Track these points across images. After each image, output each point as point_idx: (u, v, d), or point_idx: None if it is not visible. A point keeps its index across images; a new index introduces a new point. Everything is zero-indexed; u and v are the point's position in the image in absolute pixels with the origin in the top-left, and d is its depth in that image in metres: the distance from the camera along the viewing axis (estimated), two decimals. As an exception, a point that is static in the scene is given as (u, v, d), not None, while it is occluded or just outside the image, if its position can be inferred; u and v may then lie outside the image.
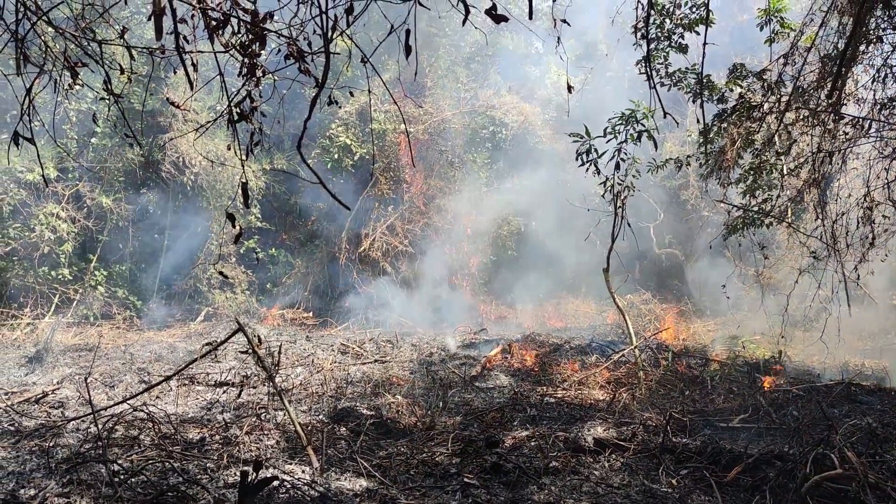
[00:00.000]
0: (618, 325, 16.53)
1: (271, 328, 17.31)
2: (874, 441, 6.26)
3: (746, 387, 9.89)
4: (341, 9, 3.94)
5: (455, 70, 22.30)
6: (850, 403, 8.95)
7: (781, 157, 10.05)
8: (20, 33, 4.19)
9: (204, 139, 17.62)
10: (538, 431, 7.76)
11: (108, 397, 9.76)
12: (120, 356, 13.00)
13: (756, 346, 12.98)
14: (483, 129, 21.82)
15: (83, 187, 17.04)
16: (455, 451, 7.09)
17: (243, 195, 4.03)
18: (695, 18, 9.60)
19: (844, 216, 9.59)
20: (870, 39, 8.42)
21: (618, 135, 9.11)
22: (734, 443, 7.11)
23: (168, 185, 17.96)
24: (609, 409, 8.74)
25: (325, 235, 20.46)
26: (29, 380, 10.92)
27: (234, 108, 3.92)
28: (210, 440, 7.42)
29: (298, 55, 3.92)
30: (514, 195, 22.55)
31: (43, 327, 15.35)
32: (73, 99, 16.17)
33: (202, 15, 3.84)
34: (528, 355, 12.40)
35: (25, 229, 16.09)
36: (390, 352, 13.67)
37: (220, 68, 4.00)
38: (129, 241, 17.97)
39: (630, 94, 20.91)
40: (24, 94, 4.39)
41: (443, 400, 9.44)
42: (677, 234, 21.38)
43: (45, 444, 7.03)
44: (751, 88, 10.02)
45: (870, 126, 8.79)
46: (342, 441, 7.46)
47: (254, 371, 11.10)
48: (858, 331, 14.16)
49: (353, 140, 19.54)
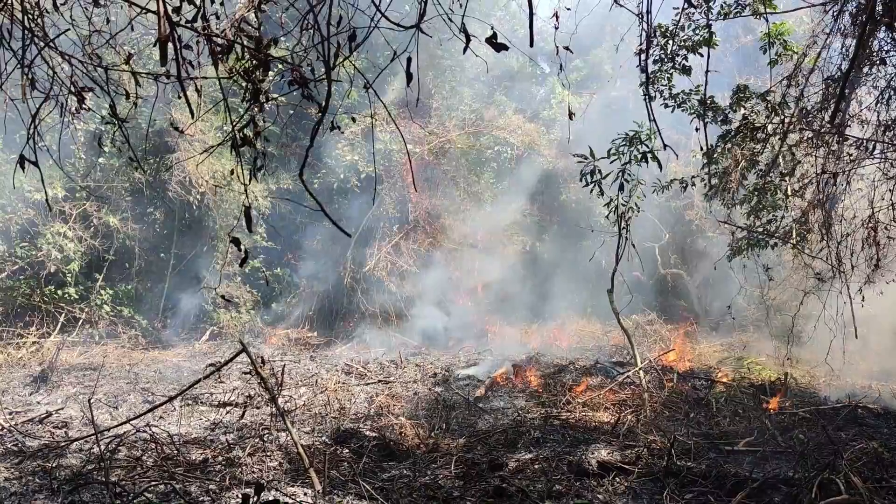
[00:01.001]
0: (623, 346, 16.46)
1: (276, 348, 17.31)
2: (880, 466, 6.21)
3: (752, 409, 9.82)
4: (344, 35, 3.98)
5: (460, 90, 22.42)
6: (857, 427, 8.89)
7: (786, 178, 10.05)
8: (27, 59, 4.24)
9: (210, 159, 17.72)
10: (542, 454, 7.72)
11: (112, 417, 9.76)
12: (124, 376, 13.01)
13: (762, 368, 12.90)
14: (488, 148, 21.88)
15: (90, 207, 17.13)
16: (458, 474, 7.06)
17: (247, 220, 4.05)
18: (698, 40, 9.65)
19: (849, 237, 9.57)
20: (873, 61, 8.46)
21: (622, 156, 9.13)
22: (739, 467, 7.06)
23: (174, 204, 18.04)
24: (613, 432, 8.69)
25: (330, 255, 20.50)
26: (33, 399, 10.92)
27: (238, 132, 3.95)
28: (213, 461, 7.40)
29: (301, 81, 3.96)
30: (520, 215, 22.58)
31: (48, 346, 15.37)
32: (81, 120, 16.30)
33: (207, 41, 3.88)
34: (532, 376, 12.35)
35: (32, 248, 16.16)
36: (394, 372, 13.64)
37: (224, 94, 4.04)
38: (135, 260, 18.03)
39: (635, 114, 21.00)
40: (30, 119, 4.44)
41: (446, 421, 9.40)
42: (682, 254, 21.34)
43: (47, 464, 7.02)
44: (754, 110, 10.05)
45: (874, 147, 8.79)
46: (345, 463, 7.43)
47: (257, 391, 11.09)
48: (865, 353, 14.06)
49: (359, 159, 19.61)
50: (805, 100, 9.33)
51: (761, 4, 8.89)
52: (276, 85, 7.49)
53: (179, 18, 3.73)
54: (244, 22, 4.03)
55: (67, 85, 4.57)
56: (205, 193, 17.81)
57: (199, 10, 3.81)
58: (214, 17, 4.07)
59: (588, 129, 20.16)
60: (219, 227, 18.37)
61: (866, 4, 7.44)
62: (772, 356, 14.14)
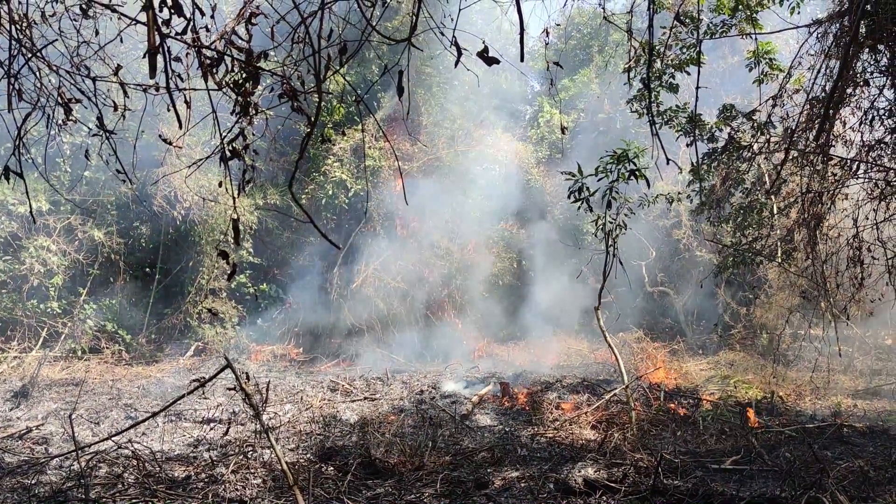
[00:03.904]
0: (609, 364, 16.46)
1: (261, 364, 17.17)
2: (866, 484, 6.21)
3: (738, 427, 9.82)
4: (335, 49, 3.98)
5: (449, 108, 22.53)
6: (843, 445, 8.90)
7: (771, 197, 10.14)
8: (14, 69, 4.21)
9: (197, 174, 17.65)
10: (528, 472, 7.67)
11: (94, 433, 9.62)
12: (107, 391, 12.86)
13: (748, 387, 12.92)
14: (476, 165, 21.94)
15: (75, 220, 17.00)
16: (443, 493, 6.99)
17: (235, 234, 4.02)
18: (685, 59, 9.76)
19: (834, 256, 9.64)
20: (857, 82, 8.56)
21: (609, 174, 9.17)
22: (726, 485, 7.03)
23: (160, 219, 17.93)
24: (600, 450, 8.65)
25: (317, 271, 20.41)
26: (13, 415, 10.76)
27: (227, 145, 3.93)
28: (195, 478, 7.30)
29: (291, 94, 3.95)
30: (507, 232, 22.63)
31: (30, 361, 15.17)
32: (67, 133, 16.21)
33: (197, 53, 3.87)
34: (519, 394, 12.31)
35: (15, 262, 16.00)
36: (380, 389, 13.55)
37: (212, 106, 4.02)
38: (119, 274, 17.88)
39: (622, 133, 21.16)
40: (16, 130, 4.40)
41: (432, 439, 9.34)
42: (669, 272, 21.43)
43: (26, 481, 6.90)
44: (740, 129, 10.16)
45: (858, 167, 8.88)
46: (329, 480, 7.35)
47: (242, 407, 10.98)
48: (850, 371, 14.14)
49: (347, 176, 19.60)
50: (790, 119, 9.43)
51: (747, 24, 9.02)
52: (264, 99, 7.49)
53: (169, 30, 3.72)
54: (234, 34, 4.02)
55: (55, 96, 4.54)
56: (190, 208, 17.72)
57: (189, 21, 3.80)
58: (204, 30, 4.06)
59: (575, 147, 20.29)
60: (204, 242, 18.27)
61: (850, 27, 7.55)
62: (758, 374, 14.18)
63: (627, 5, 6.94)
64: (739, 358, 16.34)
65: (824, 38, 8.40)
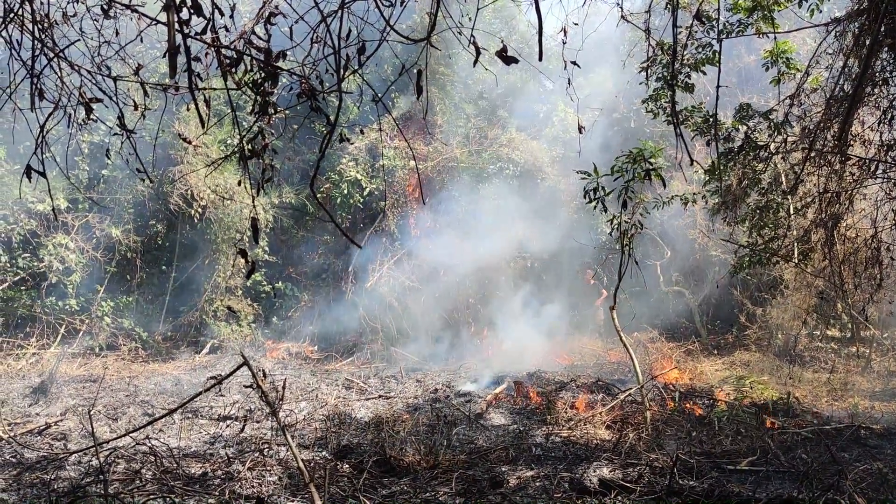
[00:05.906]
0: (624, 364, 16.41)
1: (276, 362, 17.25)
2: (885, 486, 6.17)
3: (754, 428, 9.77)
4: (354, 48, 4.00)
5: (463, 107, 22.50)
6: (860, 447, 8.84)
7: (788, 197, 10.06)
8: (36, 69, 4.26)
9: (213, 173, 17.77)
10: (543, 471, 7.67)
11: (111, 430, 9.72)
12: (124, 388, 12.97)
13: (764, 387, 12.84)
14: (491, 165, 21.92)
15: (93, 218, 17.16)
16: (459, 491, 7.01)
17: (254, 232, 4.05)
18: (701, 58, 9.70)
19: (852, 257, 9.57)
20: (875, 81, 8.48)
21: (625, 173, 9.14)
22: (742, 486, 7.01)
23: (177, 217, 18.06)
24: (615, 450, 8.63)
25: (332, 269, 20.48)
26: (32, 411, 10.88)
27: (246, 144, 3.96)
28: (212, 475, 7.36)
29: (310, 93, 3.97)
30: (522, 232, 22.57)
31: (48, 357, 15.34)
32: (87, 131, 16.37)
33: (216, 53, 3.90)
34: (533, 393, 12.30)
35: (34, 259, 16.17)
36: (395, 387, 13.59)
37: (232, 106, 4.05)
38: (136, 272, 18.03)
39: (637, 132, 21.06)
40: (37, 129, 4.45)
41: (447, 437, 9.35)
42: (684, 272, 21.30)
43: (46, 476, 6.98)
44: (757, 128, 10.09)
45: (876, 167, 8.81)
46: (345, 478, 7.38)
47: (258, 405, 11.05)
48: (867, 372, 14.02)
49: (362, 175, 19.65)
50: (808, 119, 9.36)
51: (764, 23, 8.95)
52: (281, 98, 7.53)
53: (189, 30, 3.75)
54: (253, 34, 4.05)
55: (76, 95, 4.59)
56: (206, 207, 17.84)
57: (208, 21, 3.83)
58: (224, 30, 4.09)
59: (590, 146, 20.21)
60: (220, 241, 18.38)
61: (870, 26, 7.48)
62: (774, 375, 14.08)
63: (644, 5, 6.91)
64: (755, 358, 16.23)
65: (843, 36, 8.34)
